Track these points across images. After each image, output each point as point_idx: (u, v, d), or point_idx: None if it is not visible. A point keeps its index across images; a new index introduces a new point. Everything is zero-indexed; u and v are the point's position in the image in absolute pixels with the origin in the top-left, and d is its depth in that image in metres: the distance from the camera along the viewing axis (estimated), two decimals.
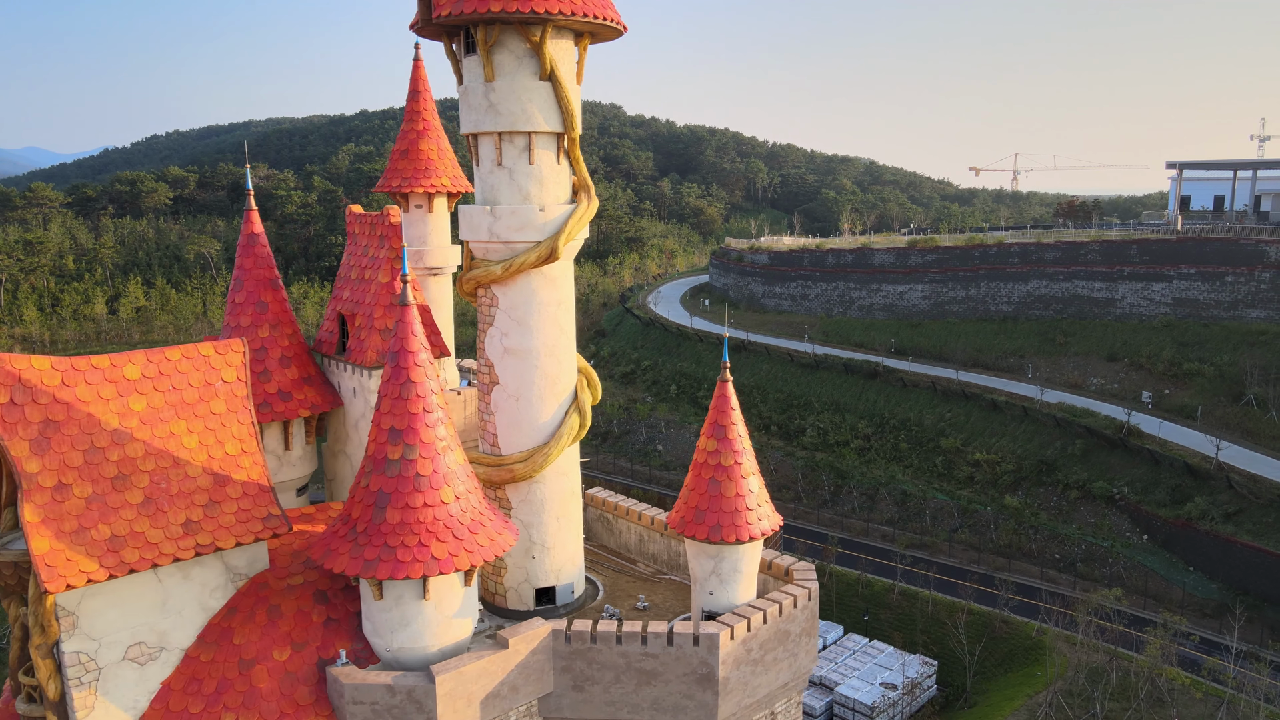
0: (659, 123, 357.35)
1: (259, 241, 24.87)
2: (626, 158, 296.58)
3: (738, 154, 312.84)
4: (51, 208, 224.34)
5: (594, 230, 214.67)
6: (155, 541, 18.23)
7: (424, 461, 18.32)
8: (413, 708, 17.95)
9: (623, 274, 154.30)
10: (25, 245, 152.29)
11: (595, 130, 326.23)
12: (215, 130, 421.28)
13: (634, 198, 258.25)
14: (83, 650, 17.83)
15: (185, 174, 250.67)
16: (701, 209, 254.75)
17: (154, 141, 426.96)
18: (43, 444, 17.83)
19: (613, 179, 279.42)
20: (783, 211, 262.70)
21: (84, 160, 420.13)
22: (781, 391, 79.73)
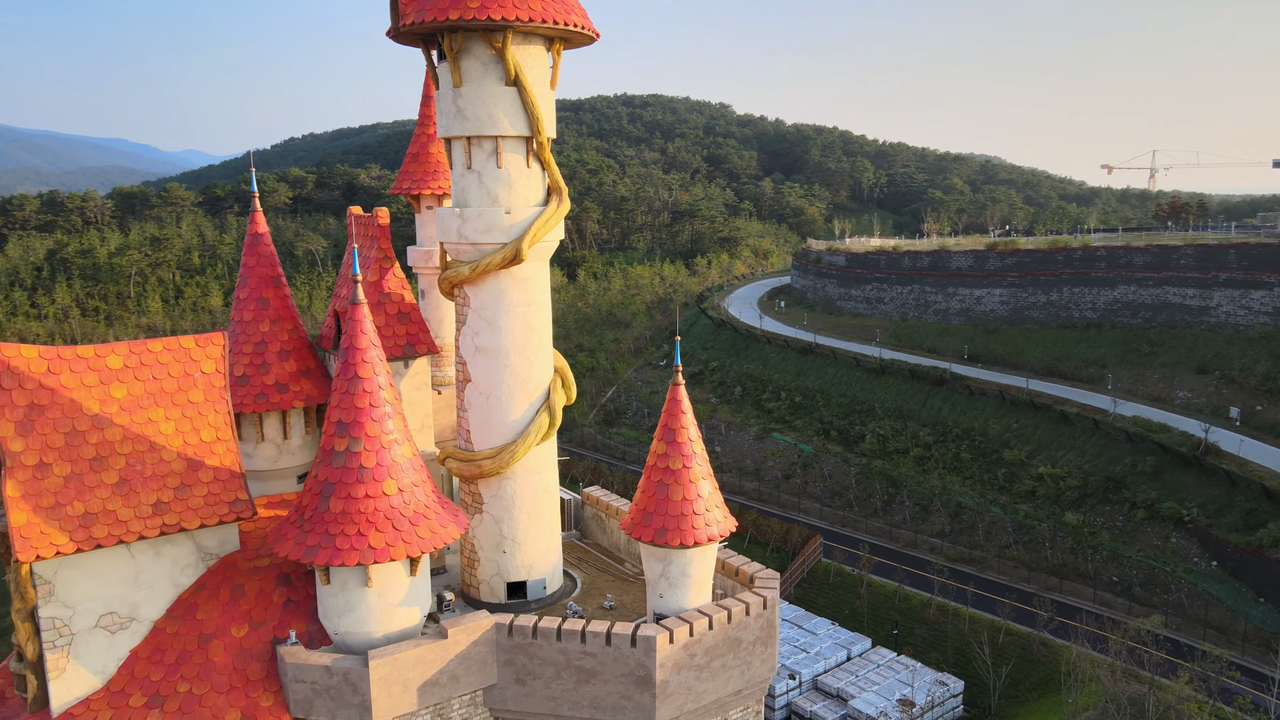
0: (766, 122, 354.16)
1: (262, 241, 25.92)
2: (730, 157, 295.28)
3: (844, 153, 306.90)
4: (184, 206, 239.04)
5: (687, 230, 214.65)
6: (125, 520, 19.27)
7: (368, 454, 18.81)
8: (348, 689, 18.47)
9: (709, 274, 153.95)
10: (153, 241, 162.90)
11: (701, 130, 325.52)
12: (345, 133, 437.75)
13: (733, 197, 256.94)
14: (58, 616, 19.00)
15: (304, 175, 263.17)
16: (802, 209, 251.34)
17: (290, 144, 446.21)
18: (27, 426, 19.08)
19: (713, 178, 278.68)
20: (888, 212, 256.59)
21: (229, 162, 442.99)
22: (845, 396, 77.94)
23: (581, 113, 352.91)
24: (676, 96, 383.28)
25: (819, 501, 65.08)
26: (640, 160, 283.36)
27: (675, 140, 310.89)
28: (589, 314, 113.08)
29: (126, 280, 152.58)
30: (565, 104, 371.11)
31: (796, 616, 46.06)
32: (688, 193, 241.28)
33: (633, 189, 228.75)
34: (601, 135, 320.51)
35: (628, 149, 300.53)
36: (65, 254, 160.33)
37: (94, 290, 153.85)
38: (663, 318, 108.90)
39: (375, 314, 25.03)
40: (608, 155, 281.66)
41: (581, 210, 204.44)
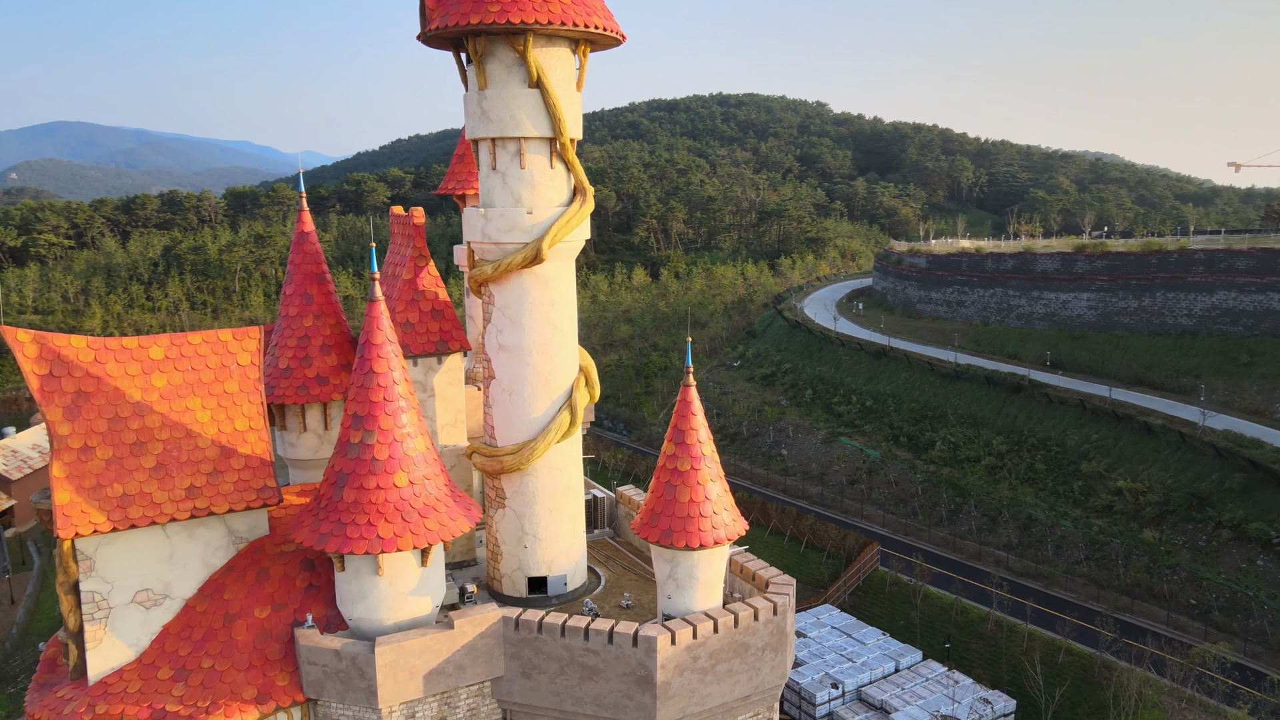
0: (862, 120, 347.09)
1: (308, 239, 26.83)
2: (823, 156, 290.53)
3: (943, 152, 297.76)
4: (290, 205, 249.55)
5: (774, 230, 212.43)
6: (159, 502, 20.24)
7: (380, 446, 19.27)
8: (356, 674, 18.98)
9: (791, 275, 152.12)
10: (258, 239, 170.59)
11: (795, 129, 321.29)
12: (450, 134, 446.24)
13: (824, 198, 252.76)
14: (97, 590, 20.11)
15: (403, 175, 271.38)
16: (895, 209, 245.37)
17: (397, 145, 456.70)
18: (74, 411, 20.24)
19: (805, 178, 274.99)
20: (987, 212, 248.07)
21: (341, 163, 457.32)
22: (917, 402, 75.69)
23: (676, 113, 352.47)
24: (772, 95, 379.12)
25: (882, 508, 63.33)
26: (731, 160, 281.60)
27: (768, 139, 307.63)
28: (667, 313, 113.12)
29: (233, 275, 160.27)
30: (660, 104, 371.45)
31: (847, 625, 45.09)
32: (776, 192, 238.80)
33: (721, 189, 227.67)
34: (694, 135, 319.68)
35: (720, 148, 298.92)
36: (179, 250, 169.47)
37: (203, 285, 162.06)
38: (740, 318, 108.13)
39: (409, 310, 25.64)
40: (699, 155, 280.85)
41: (668, 210, 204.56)
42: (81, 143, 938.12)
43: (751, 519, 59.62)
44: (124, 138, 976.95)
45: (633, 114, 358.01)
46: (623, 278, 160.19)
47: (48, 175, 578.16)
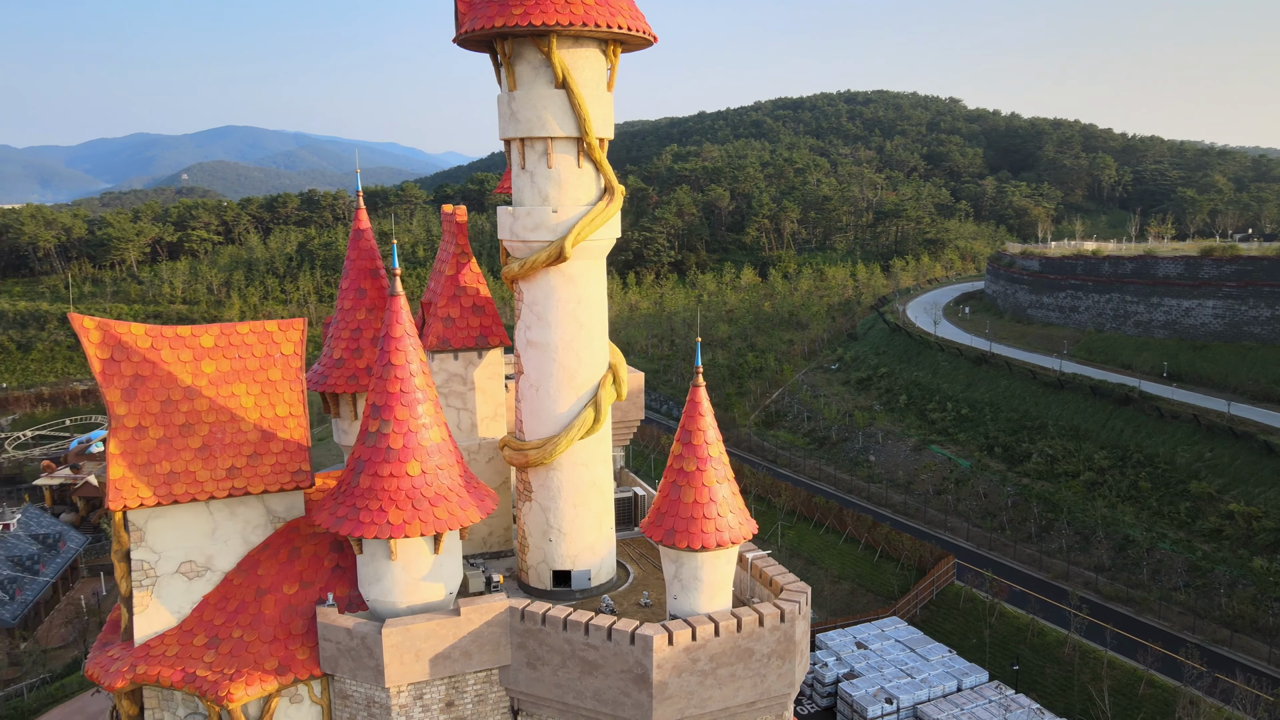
0: (998, 117, 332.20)
1: (364, 236, 27.91)
2: (951, 155, 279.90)
3: (1083, 148, 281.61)
4: (416, 203, 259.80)
5: (891, 231, 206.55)
6: (202, 480, 21.51)
7: (395, 436, 19.87)
8: (365, 653, 19.67)
9: (902, 277, 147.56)
10: (381, 236, 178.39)
11: (924, 127, 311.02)
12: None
13: (948, 197, 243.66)
14: (145, 559, 21.56)
15: None
16: (1026, 209, 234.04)
17: None
18: (131, 393, 21.76)
19: (930, 177, 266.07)
20: (1130, 213, 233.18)
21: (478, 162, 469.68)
22: (1015, 411, 71.87)
23: (800, 111, 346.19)
24: (902, 92, 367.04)
25: (968, 521, 60.43)
26: (853, 159, 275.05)
27: (894, 137, 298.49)
28: (769, 314, 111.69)
29: None
30: (785, 103, 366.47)
31: (912, 639, 43.30)
32: (895, 192, 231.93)
33: (838, 188, 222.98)
34: (818, 134, 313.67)
35: (843, 147, 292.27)
36: (311, 246, 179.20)
37: (332, 279, 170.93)
38: (844, 320, 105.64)
39: (451, 306, 26.32)
40: (821, 154, 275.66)
41: (780, 209, 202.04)
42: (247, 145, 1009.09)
43: (826, 526, 58.17)
44: (284, 140, 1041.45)
45: (757, 113, 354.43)
46: (730, 277, 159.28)
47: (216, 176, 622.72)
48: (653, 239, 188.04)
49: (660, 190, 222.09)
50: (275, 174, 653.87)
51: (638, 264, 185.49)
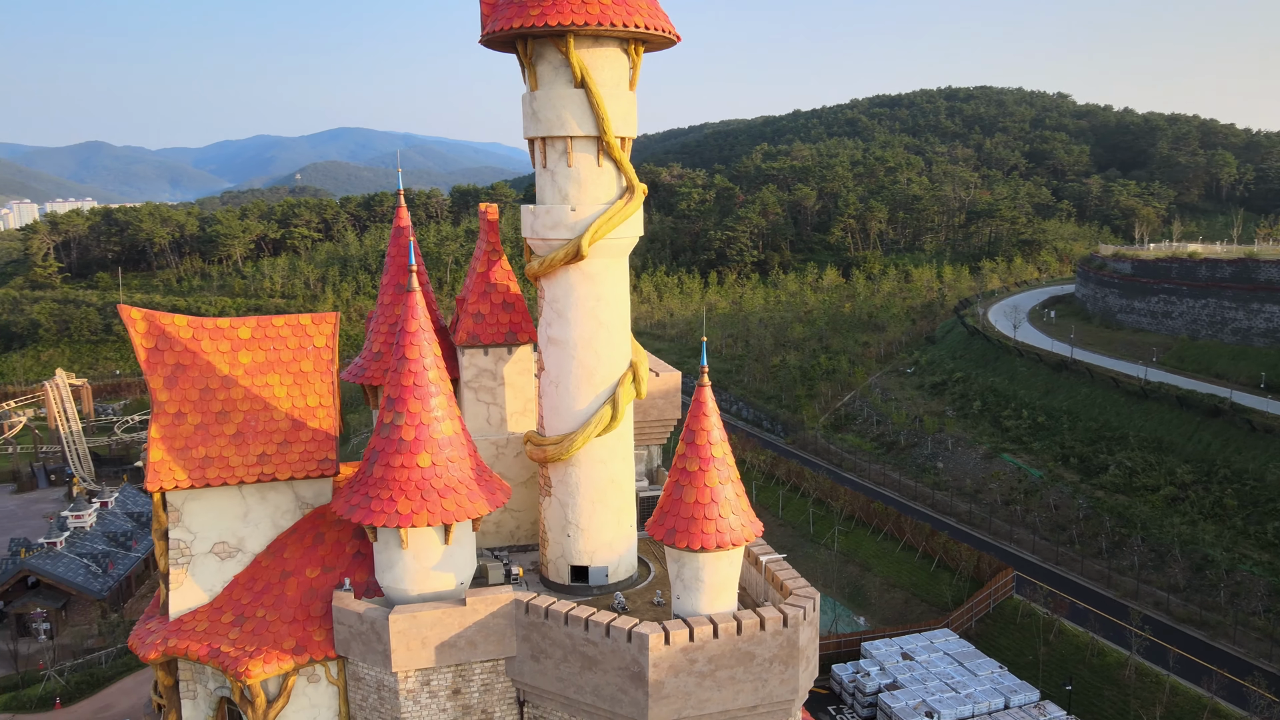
0: (1109, 112, 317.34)
1: (404, 234, 28.68)
2: (1055, 152, 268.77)
3: (1201, 145, 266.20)
4: (506, 202, 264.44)
5: (984, 231, 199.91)
6: (234, 466, 22.50)
7: (408, 428, 20.36)
8: (374, 637, 20.24)
9: (990, 279, 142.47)
10: (468, 233, 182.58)
11: (1027, 124, 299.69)
12: (676, 133, 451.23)
13: (1049, 196, 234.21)
14: (182, 539, 22.68)
15: None
16: (1134, 209, 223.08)
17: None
18: (172, 381, 22.91)
19: (1030, 175, 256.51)
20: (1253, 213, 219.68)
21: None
22: (1094, 420, 68.30)
23: (897, 108, 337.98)
24: (1006, 88, 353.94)
25: (1036, 533, 57.73)
26: (949, 157, 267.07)
27: (995, 134, 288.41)
28: (848, 316, 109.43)
29: (444, 267, 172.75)
30: (882, 100, 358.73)
31: (962, 653, 41.64)
32: (990, 191, 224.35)
33: (929, 188, 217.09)
34: (914, 131, 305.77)
35: (939, 145, 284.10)
36: None
37: None
38: (924, 323, 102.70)
39: (481, 302, 26.81)
40: (916, 152, 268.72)
41: (867, 209, 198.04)
42: (359, 146, 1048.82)
43: (884, 533, 56.65)
44: (393, 141, 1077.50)
45: (852, 110, 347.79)
46: (812, 277, 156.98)
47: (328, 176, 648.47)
48: (735, 238, 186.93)
49: (747, 190, 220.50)
50: (384, 174, 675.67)
51: (720, 263, 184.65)
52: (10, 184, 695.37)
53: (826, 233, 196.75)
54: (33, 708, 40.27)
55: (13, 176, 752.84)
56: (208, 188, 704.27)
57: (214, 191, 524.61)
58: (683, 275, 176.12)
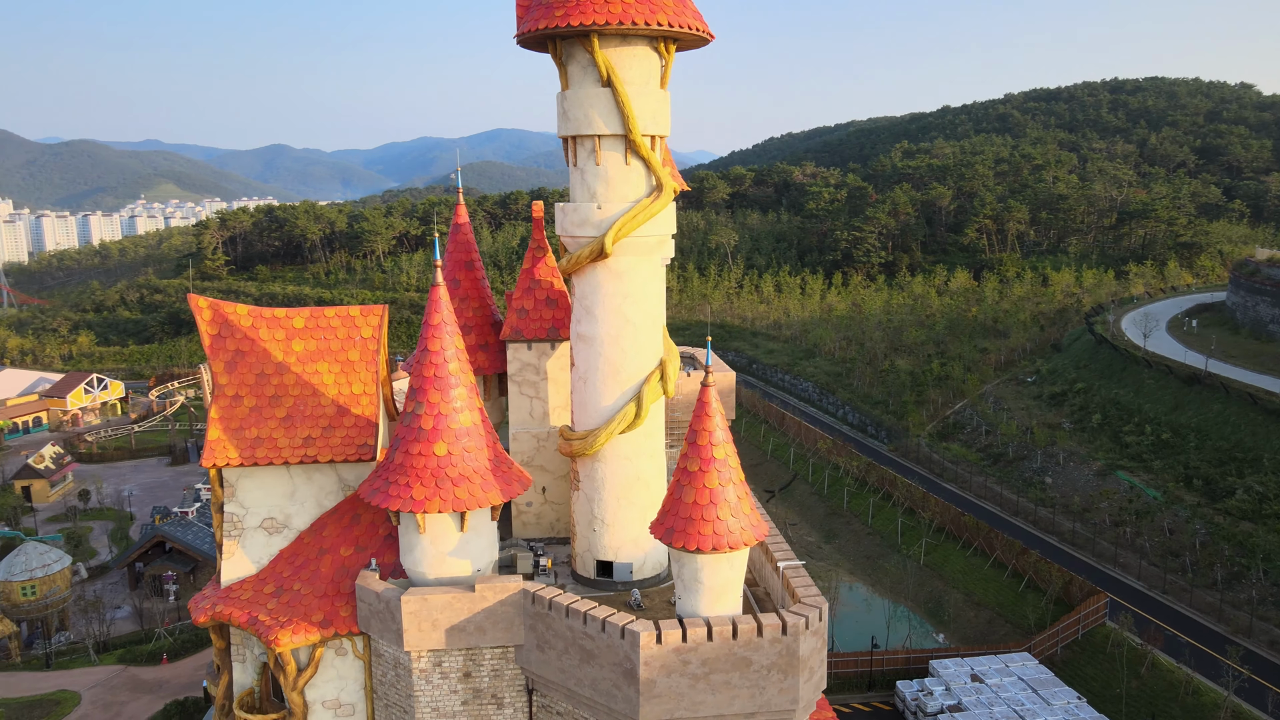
0: None
1: (461, 230, 29.70)
2: (1231, 147, 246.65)
3: None
4: None
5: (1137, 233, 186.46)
6: (281, 447, 23.89)
7: (426, 418, 21.06)
8: (389, 616, 21.07)
9: (1135, 285, 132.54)
10: None
11: (1201, 117, 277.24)
12: (821, 131, 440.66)
13: (1218, 195, 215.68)
14: (235, 513, 24.31)
15: (744, 172, 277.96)
16: None
17: (769, 143, 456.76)
18: (233, 366, 24.57)
19: (1198, 173, 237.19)
20: None
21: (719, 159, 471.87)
22: (1225, 440, 61.97)
23: (1055, 103, 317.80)
24: (1180, 78, 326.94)
25: (1145, 558, 52.97)
26: (1107, 154, 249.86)
27: (1162, 129, 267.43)
28: (971, 321, 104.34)
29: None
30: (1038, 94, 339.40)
31: (1039, 679, 38.77)
32: (1146, 190, 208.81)
33: (1077, 186, 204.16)
34: (1070, 127, 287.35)
35: (1097, 140, 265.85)
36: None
37: None
38: (1054, 330, 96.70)
39: (525, 298, 27.40)
40: (1070, 149, 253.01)
41: (1005, 209, 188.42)
42: (514, 147, 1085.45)
43: (973, 548, 53.82)
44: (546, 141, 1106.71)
45: (1005, 105, 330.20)
46: (941, 280, 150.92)
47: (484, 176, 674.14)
48: (862, 239, 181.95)
49: (880, 189, 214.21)
50: (536, 173, 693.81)
51: (845, 264, 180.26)
52: (205, 184, 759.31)
53: (961, 234, 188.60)
54: (143, 661, 44.20)
55: (207, 177, 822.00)
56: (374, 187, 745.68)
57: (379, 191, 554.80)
58: (806, 275, 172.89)
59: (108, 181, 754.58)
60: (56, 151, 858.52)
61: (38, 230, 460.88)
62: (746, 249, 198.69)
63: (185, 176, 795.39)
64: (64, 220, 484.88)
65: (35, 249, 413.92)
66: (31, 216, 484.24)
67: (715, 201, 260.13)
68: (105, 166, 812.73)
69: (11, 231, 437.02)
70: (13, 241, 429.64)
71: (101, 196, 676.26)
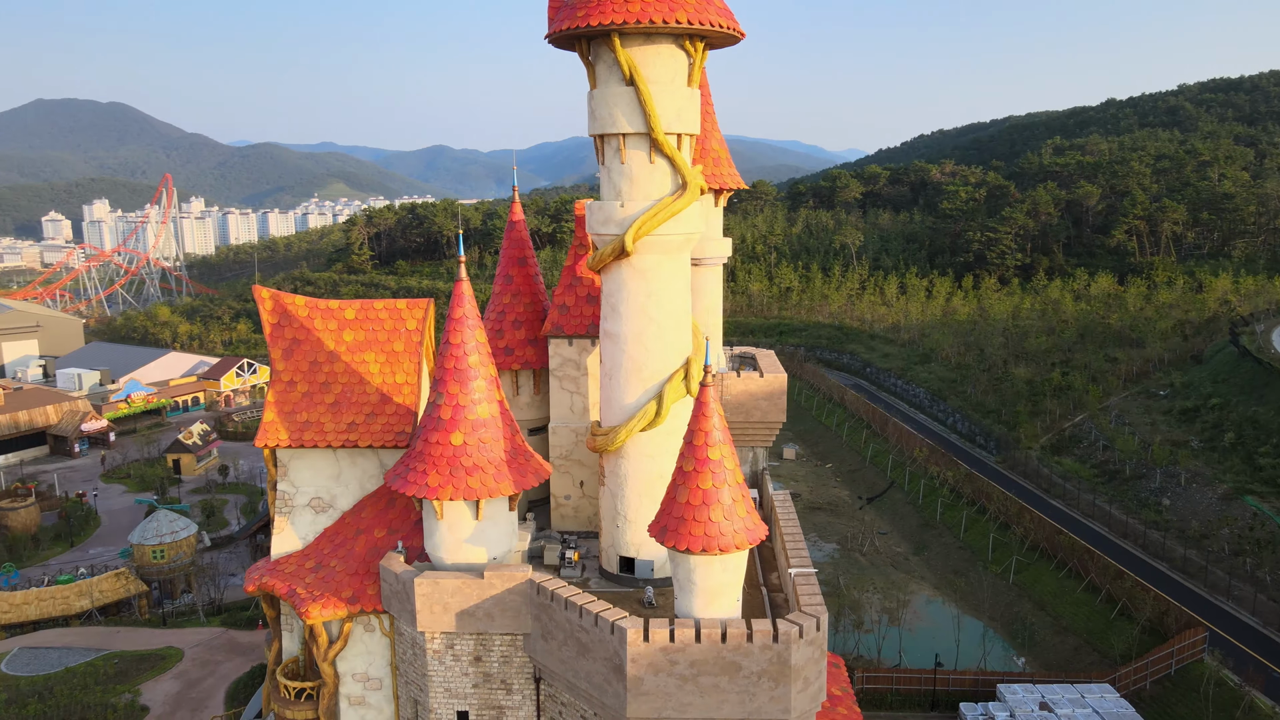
0: None
1: (516, 228, 30.41)
2: None
3: None
4: (767, 200, 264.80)
5: None
6: (327, 432, 25.26)
7: (445, 408, 21.76)
8: (405, 597, 21.92)
9: None
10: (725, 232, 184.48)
11: None
12: (974, 128, 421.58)
13: None
14: (286, 491, 25.89)
15: (879, 171, 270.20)
16: None
17: (918, 140, 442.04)
18: (289, 353, 26.18)
19: None
20: None
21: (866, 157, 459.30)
22: None
23: (1235, 94, 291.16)
24: None
25: (1264, 591, 47.37)
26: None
27: None
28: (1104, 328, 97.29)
29: None
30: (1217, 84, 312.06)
31: (1115, 713, 35.27)
32: None
33: (1246, 184, 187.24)
34: (1251, 120, 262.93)
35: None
36: None
37: None
38: (1198, 340, 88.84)
39: (567, 295, 27.84)
40: (1248, 144, 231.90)
41: (1158, 209, 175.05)
42: None
43: (1067, 569, 50.23)
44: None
45: (1175, 98, 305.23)
46: (1082, 284, 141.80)
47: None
48: (997, 240, 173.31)
49: (1023, 187, 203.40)
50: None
51: (978, 266, 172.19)
52: (372, 183, 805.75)
53: (1108, 235, 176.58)
54: (243, 625, 47.66)
55: (373, 176, 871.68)
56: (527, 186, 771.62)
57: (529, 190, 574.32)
58: (935, 277, 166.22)
59: (286, 181, 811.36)
60: (244, 154, 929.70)
61: (224, 226, 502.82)
62: (874, 249, 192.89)
63: (354, 176, 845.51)
64: (246, 217, 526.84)
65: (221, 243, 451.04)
66: (219, 213, 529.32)
67: (847, 201, 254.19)
68: (285, 167, 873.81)
69: (202, 227, 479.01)
70: (202, 236, 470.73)
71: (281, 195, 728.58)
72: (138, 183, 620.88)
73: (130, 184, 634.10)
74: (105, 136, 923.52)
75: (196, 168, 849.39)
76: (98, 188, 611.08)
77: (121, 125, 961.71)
